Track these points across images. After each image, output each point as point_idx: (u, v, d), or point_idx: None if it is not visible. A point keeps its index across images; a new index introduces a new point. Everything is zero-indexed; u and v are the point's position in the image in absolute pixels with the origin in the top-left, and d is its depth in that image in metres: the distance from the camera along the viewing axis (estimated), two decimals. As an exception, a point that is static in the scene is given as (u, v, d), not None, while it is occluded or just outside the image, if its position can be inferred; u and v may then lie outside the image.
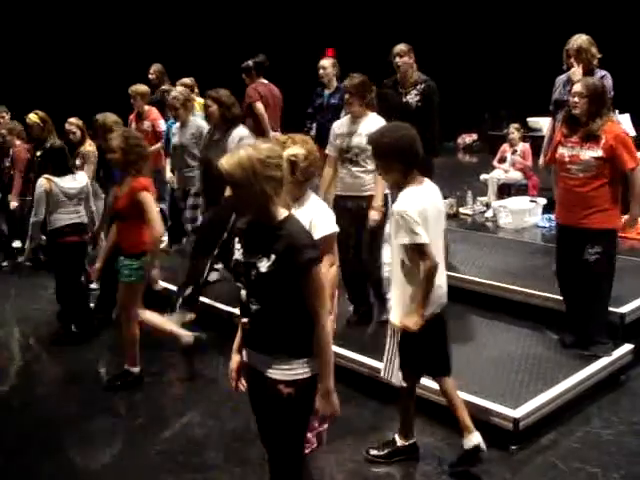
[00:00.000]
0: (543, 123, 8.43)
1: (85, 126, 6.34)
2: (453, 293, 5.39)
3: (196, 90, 7.69)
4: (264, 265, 2.57)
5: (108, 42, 12.08)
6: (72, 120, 6.39)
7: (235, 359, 2.90)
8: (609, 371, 4.40)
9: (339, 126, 4.94)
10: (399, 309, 3.47)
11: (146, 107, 7.55)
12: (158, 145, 7.29)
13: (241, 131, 5.35)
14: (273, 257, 2.55)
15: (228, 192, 2.80)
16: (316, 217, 3.31)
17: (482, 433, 3.81)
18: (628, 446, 3.78)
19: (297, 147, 3.27)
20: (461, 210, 8.11)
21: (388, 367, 3.57)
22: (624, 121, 7.95)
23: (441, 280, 3.48)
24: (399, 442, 3.70)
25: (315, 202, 3.44)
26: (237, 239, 2.74)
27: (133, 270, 4.50)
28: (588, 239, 4.40)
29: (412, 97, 5.56)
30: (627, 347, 4.57)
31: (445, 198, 8.11)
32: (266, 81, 7.54)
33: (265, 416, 2.77)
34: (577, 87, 4.42)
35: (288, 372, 2.63)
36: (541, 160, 5.88)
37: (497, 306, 5.26)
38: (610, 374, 4.41)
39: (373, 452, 3.73)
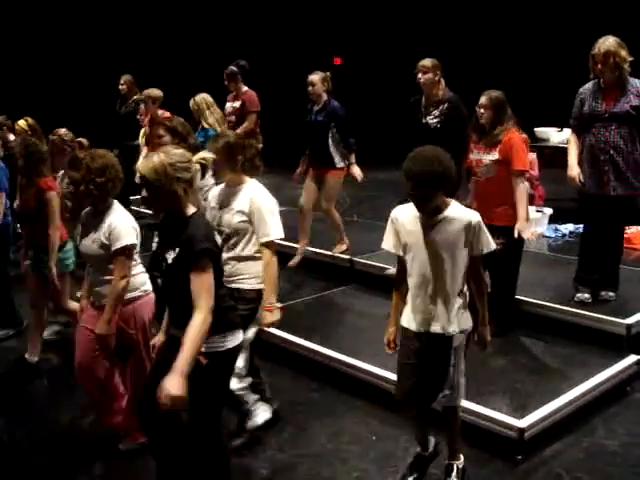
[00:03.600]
0: (550, 133, 8.43)
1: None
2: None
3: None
4: (171, 256, 2.93)
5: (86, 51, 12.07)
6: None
7: (160, 338, 3.26)
8: (614, 382, 4.40)
9: (212, 196, 3.95)
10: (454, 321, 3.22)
11: (159, 111, 7.63)
12: None
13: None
14: (177, 249, 2.92)
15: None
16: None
17: (487, 443, 3.85)
18: (633, 457, 3.77)
19: (205, 152, 3.44)
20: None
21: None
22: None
23: None
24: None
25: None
26: (156, 233, 3.12)
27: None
28: (493, 234, 4.64)
29: (432, 118, 5.35)
30: (633, 358, 4.57)
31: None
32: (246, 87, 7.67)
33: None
34: (482, 100, 4.84)
35: (206, 345, 2.92)
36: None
37: (503, 315, 5.25)
38: (615, 385, 4.41)
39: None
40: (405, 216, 3.23)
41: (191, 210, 3.02)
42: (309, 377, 4.79)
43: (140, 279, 3.81)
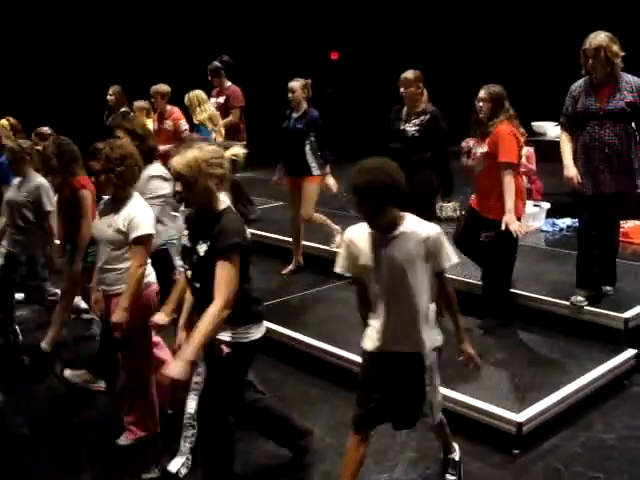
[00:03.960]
0: (547, 127, 8.41)
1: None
2: (457, 297, 5.47)
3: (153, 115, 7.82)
4: (202, 249, 3.03)
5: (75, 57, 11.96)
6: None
7: (182, 336, 3.32)
8: (612, 376, 4.40)
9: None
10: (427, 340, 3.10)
11: (168, 107, 7.63)
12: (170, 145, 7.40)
13: (153, 169, 4.51)
14: (209, 242, 3.02)
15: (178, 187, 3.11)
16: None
17: (485, 437, 3.85)
18: (631, 451, 3.78)
19: (237, 147, 3.47)
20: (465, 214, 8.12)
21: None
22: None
23: None
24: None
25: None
26: (185, 227, 3.23)
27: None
28: (483, 226, 4.98)
29: (411, 126, 5.28)
30: (630, 352, 4.57)
31: (449, 202, 8.17)
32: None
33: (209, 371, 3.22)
34: (481, 94, 4.88)
35: (231, 335, 3.10)
36: None
37: (502, 310, 5.25)
38: (613, 379, 4.41)
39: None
40: (359, 235, 3.01)
41: (223, 205, 3.12)
42: (306, 371, 4.79)
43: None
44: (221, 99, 7.70)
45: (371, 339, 3.09)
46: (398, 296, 2.98)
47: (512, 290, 5.22)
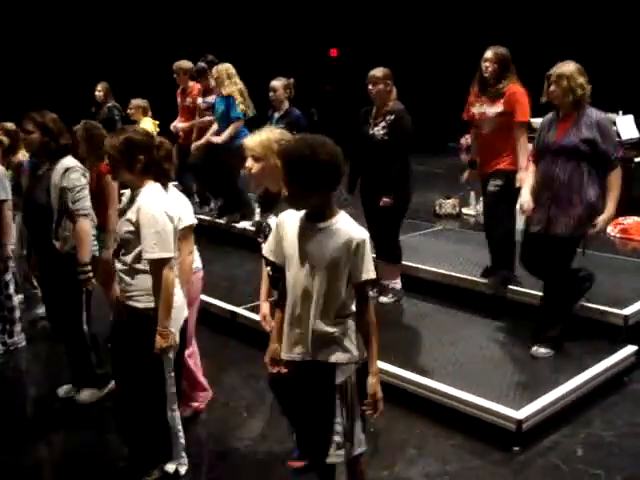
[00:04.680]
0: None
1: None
2: (456, 294, 5.48)
3: (149, 113, 7.89)
4: (273, 221, 2.98)
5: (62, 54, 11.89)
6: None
7: (264, 307, 3.33)
8: (612, 373, 4.40)
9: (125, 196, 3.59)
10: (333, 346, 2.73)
11: (190, 83, 7.76)
12: (196, 120, 7.76)
13: (68, 161, 4.19)
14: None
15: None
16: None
17: (485, 434, 3.84)
18: (631, 448, 3.78)
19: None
20: (464, 210, 8.12)
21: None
22: (627, 122, 7.95)
23: None
24: None
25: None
26: (257, 204, 3.40)
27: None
28: (494, 177, 5.11)
29: (379, 129, 5.20)
30: (630, 349, 4.57)
31: (448, 198, 8.19)
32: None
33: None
34: (488, 54, 5.05)
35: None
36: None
37: (500, 307, 5.26)
38: (613, 376, 4.41)
39: None
40: (291, 222, 2.74)
41: None
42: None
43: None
44: (210, 98, 7.63)
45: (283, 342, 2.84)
46: (310, 296, 2.67)
47: (512, 287, 5.22)
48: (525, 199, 4.47)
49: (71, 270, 4.16)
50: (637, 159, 7.40)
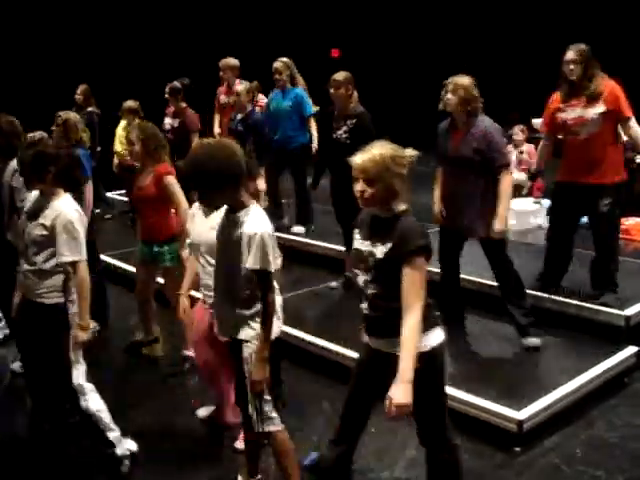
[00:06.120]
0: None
1: None
2: (462, 294, 5.47)
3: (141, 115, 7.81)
4: (380, 251, 2.80)
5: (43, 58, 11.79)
6: None
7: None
8: (613, 373, 4.40)
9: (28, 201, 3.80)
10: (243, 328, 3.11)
11: (236, 81, 7.56)
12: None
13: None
14: (389, 244, 2.78)
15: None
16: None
17: (486, 435, 3.84)
18: (632, 449, 3.78)
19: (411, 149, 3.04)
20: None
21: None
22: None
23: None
24: None
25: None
26: (357, 230, 2.99)
27: (175, 254, 4.66)
28: (602, 195, 4.74)
29: (342, 133, 5.28)
30: (631, 350, 4.57)
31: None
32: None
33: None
34: (570, 55, 4.68)
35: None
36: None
37: (501, 308, 5.25)
38: (614, 377, 4.41)
39: None
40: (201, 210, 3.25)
41: (403, 206, 2.86)
42: (307, 369, 4.78)
43: None
44: (175, 122, 7.60)
45: None
46: (219, 278, 3.13)
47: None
48: (436, 208, 4.74)
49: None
50: (637, 159, 7.41)
